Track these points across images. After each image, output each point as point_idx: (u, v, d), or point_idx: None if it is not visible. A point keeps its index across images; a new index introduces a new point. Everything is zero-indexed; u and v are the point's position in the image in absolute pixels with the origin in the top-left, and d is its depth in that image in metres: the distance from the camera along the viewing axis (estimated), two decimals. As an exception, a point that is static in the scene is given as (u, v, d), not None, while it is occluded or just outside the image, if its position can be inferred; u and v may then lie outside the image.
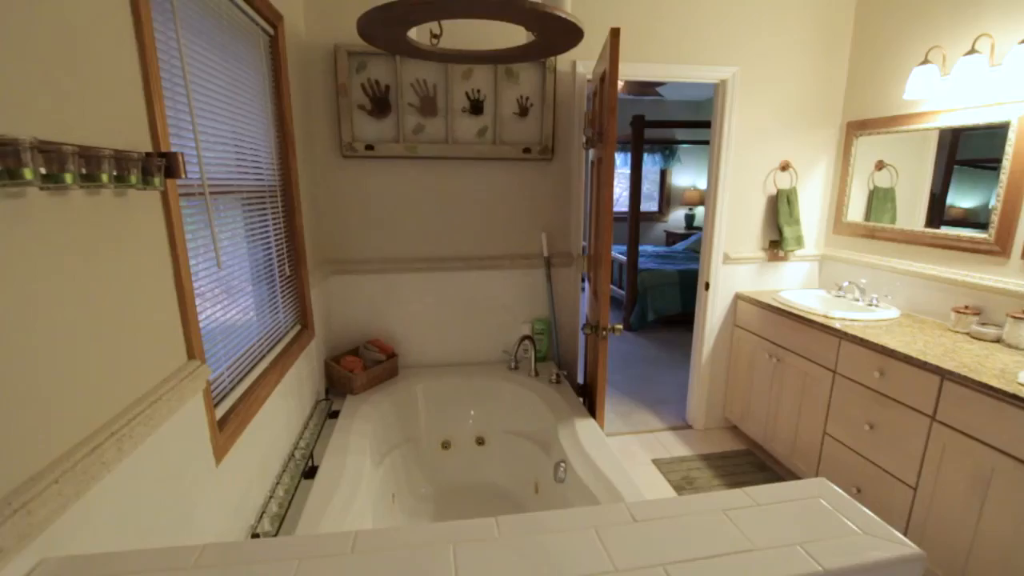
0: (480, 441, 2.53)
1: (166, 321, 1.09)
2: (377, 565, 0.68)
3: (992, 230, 2.08)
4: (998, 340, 2.00)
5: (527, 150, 2.44)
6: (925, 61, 2.18)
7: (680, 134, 6.88)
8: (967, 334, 2.09)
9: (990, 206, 2.10)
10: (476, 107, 2.36)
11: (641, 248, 6.40)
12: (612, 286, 5.62)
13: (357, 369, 2.37)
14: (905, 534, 1.94)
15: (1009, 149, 2.01)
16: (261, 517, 1.53)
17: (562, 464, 1.90)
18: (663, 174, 7.49)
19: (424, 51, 1.39)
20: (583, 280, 2.74)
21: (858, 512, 0.74)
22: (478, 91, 2.36)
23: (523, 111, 2.41)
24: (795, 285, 2.95)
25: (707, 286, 2.87)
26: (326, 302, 2.48)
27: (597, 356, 2.19)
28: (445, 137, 2.39)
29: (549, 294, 2.64)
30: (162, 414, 1.01)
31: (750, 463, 2.76)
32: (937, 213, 2.34)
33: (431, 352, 2.68)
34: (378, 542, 0.72)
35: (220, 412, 1.37)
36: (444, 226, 2.55)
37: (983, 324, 2.07)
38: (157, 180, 0.97)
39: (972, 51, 2.00)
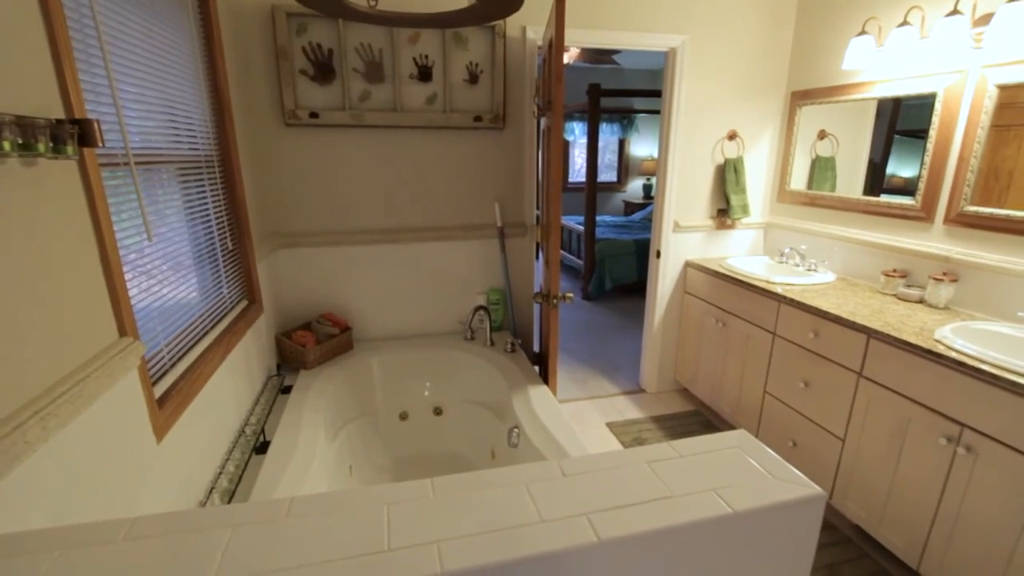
0: (438, 411, 2.56)
1: (92, 297, 1.05)
2: (312, 528, 0.69)
3: (919, 197, 2.20)
4: (921, 301, 2.14)
5: (478, 118, 2.41)
6: (862, 32, 2.25)
7: (638, 103, 6.90)
8: (895, 296, 2.23)
9: (920, 175, 2.21)
10: (424, 74, 2.31)
11: (599, 218, 6.47)
12: (571, 256, 5.68)
13: (309, 343, 2.34)
14: (834, 482, 2.09)
15: (935, 119, 2.11)
16: (211, 493, 1.51)
17: (515, 430, 1.94)
18: (621, 144, 7.53)
19: (361, 13, 1.35)
20: (537, 249, 2.76)
21: (771, 459, 0.80)
22: (426, 57, 2.30)
23: (473, 78, 2.37)
24: (742, 252, 3.05)
25: (658, 254, 2.94)
26: (275, 276, 2.42)
27: (549, 324, 2.22)
28: (393, 105, 2.33)
29: (503, 264, 2.65)
30: (92, 392, 0.98)
31: (698, 422, 2.90)
32: (878, 182, 2.43)
33: (386, 325, 2.67)
34: (314, 506, 0.73)
35: (160, 390, 1.34)
36: (396, 197, 2.51)
37: (909, 286, 2.21)
38: (70, 148, 0.92)
39: (904, 23, 2.07)
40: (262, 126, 2.26)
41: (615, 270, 5.03)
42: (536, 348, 2.83)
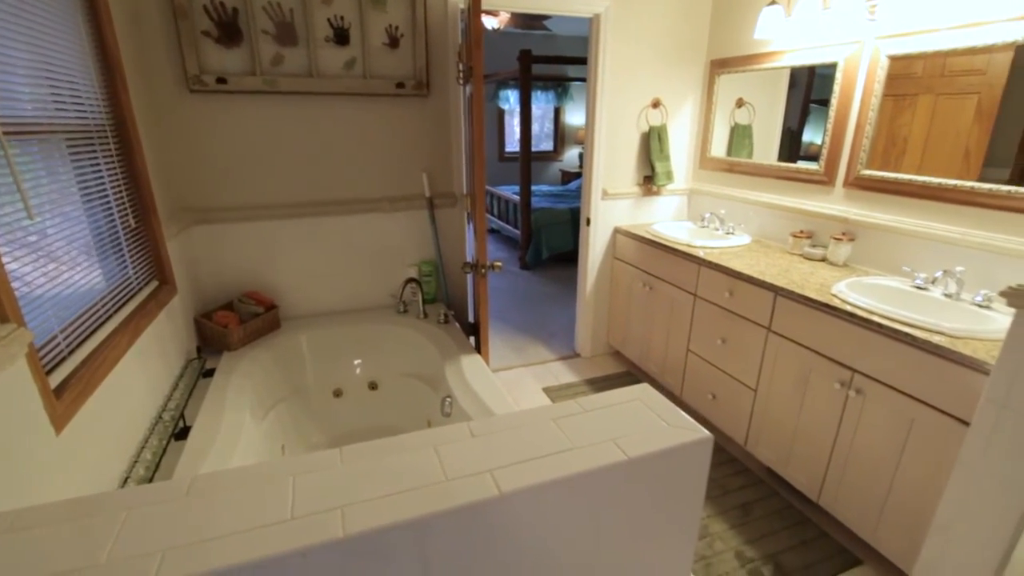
0: (373, 386, 2.54)
1: (-41, 280, 0.96)
2: (214, 504, 0.68)
3: (822, 162, 2.35)
4: (823, 259, 2.31)
5: (400, 85, 2.33)
6: (772, 2, 2.33)
7: (571, 71, 6.89)
8: (801, 255, 2.39)
9: (822, 141, 2.36)
10: (341, 36, 2.20)
11: (536, 188, 6.50)
12: (508, 226, 5.69)
13: (232, 324, 2.25)
14: (748, 429, 2.26)
15: (836, 88, 2.24)
16: (126, 482, 1.45)
17: (448, 399, 1.97)
18: (557, 112, 7.53)
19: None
20: (468, 220, 2.74)
21: (667, 409, 0.85)
22: (341, 18, 2.19)
23: (394, 42, 2.29)
24: (667, 218, 3.17)
25: (588, 222, 3.00)
26: (190, 255, 2.29)
27: (480, 294, 2.24)
28: (309, 70, 2.22)
29: (434, 235, 2.63)
30: (-33, 383, 0.90)
31: (629, 383, 3.03)
32: (796, 149, 2.55)
33: (315, 301, 2.59)
34: (217, 483, 0.72)
35: (57, 378, 1.25)
36: (319, 168, 2.41)
37: (814, 246, 2.37)
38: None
39: (808, -7, 2.17)
40: (163, 93, 2.09)
41: (551, 239, 5.09)
42: (471, 318, 2.84)
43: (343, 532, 0.62)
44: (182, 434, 1.69)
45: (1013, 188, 1.74)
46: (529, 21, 5.25)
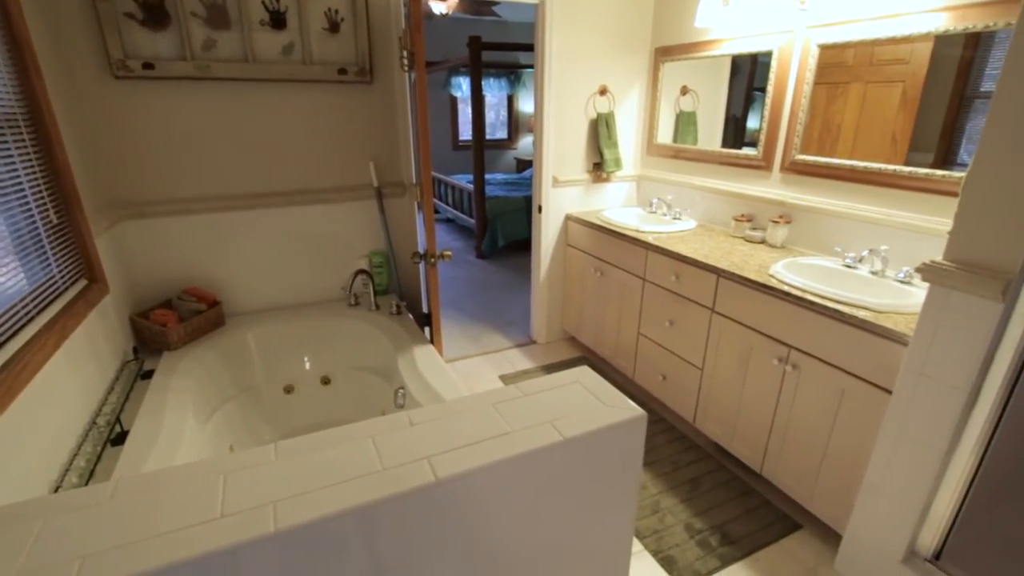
0: (325, 381, 2.49)
1: None
2: (140, 507, 0.65)
3: (760, 148, 2.44)
4: (763, 241, 2.40)
5: (343, 71, 2.27)
6: (711, -9, 2.39)
7: (523, 58, 6.87)
8: (743, 238, 2.48)
9: (760, 128, 2.44)
10: (277, 20, 2.12)
11: (491, 176, 6.48)
12: (463, 215, 5.66)
13: (171, 322, 2.15)
14: (696, 407, 2.34)
15: (772, 76, 2.32)
16: (56, 492, 1.38)
17: (401, 390, 1.95)
18: (510, 100, 7.51)
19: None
20: (419, 209, 2.71)
21: (605, 389, 0.88)
22: (277, 1, 2.10)
23: (334, 27, 2.22)
24: (617, 204, 3.22)
25: (540, 209, 3.02)
26: (123, 251, 2.17)
27: (431, 284, 2.22)
28: (245, 55, 2.13)
29: (383, 226, 2.58)
30: None
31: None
32: (740, 135, 2.62)
33: (262, 296, 2.51)
34: (143, 485, 0.69)
35: (-29, 385, 1.17)
36: (261, 158, 2.32)
37: (754, 229, 2.46)
38: None
39: (744, -17, 2.23)
40: (85, 79, 1.96)
41: (507, 227, 5.10)
42: (425, 309, 2.82)
43: (274, 527, 0.61)
44: (119, 439, 1.62)
45: (932, 171, 1.86)
46: (478, 7, 5.19)
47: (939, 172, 1.84)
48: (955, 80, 1.80)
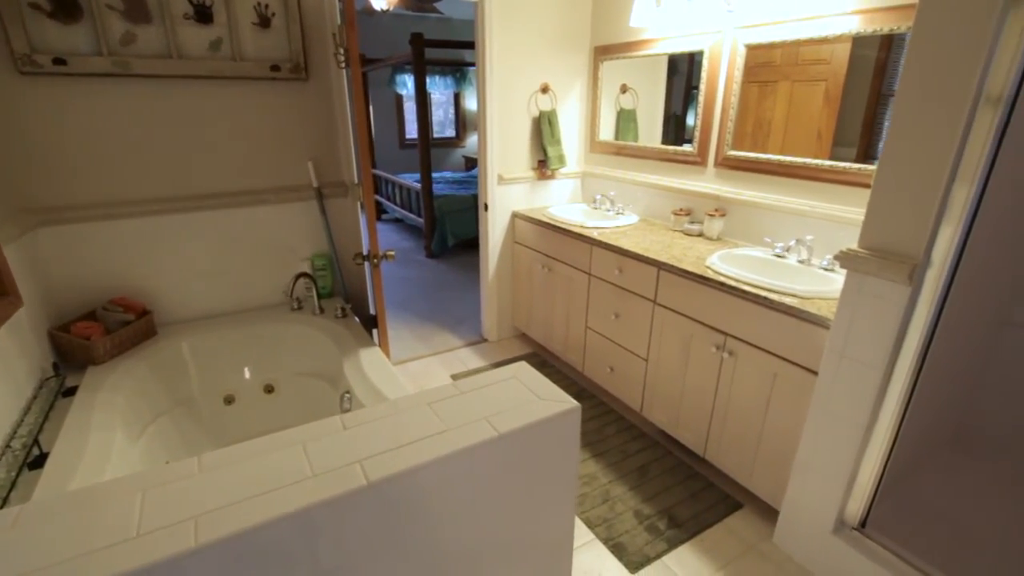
0: (269, 389, 2.41)
1: None
2: (46, 533, 0.61)
3: (695, 144, 2.53)
4: (701, 234, 2.49)
5: (276, 68, 2.19)
6: (645, -9, 2.46)
7: (469, 56, 6.84)
8: (682, 232, 2.57)
9: (694, 125, 2.53)
10: (202, 14, 2.02)
11: (439, 175, 6.43)
12: (411, 214, 5.59)
13: (96, 335, 2.02)
14: (643, 396, 2.41)
15: (704, 75, 2.41)
16: (-36, 523, 1.27)
17: (347, 394, 1.91)
18: (457, 98, 7.46)
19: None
20: (362, 209, 2.66)
21: (541, 383, 0.89)
22: (201, -5, 2.01)
23: (264, 22, 2.14)
24: (562, 200, 3.26)
25: (486, 207, 3.02)
26: (37, 261, 2.02)
27: (376, 285, 2.19)
28: (168, 50, 2.02)
29: (325, 227, 2.52)
30: None
31: (535, 363, 3.12)
32: (681, 132, 2.68)
33: (197, 304, 2.40)
34: (50, 509, 0.65)
35: None
36: (192, 159, 2.21)
37: (692, 222, 2.55)
38: None
39: (675, -16, 2.31)
40: (-15, 75, 1.81)
41: (456, 226, 5.07)
42: (372, 311, 2.77)
43: (196, 542, 0.58)
44: (38, 462, 1.51)
45: (850, 165, 1.98)
46: (420, 4, 5.13)
47: (856, 166, 1.96)
48: (872, 79, 1.93)
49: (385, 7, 4.34)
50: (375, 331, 2.45)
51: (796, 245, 2.07)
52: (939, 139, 1.24)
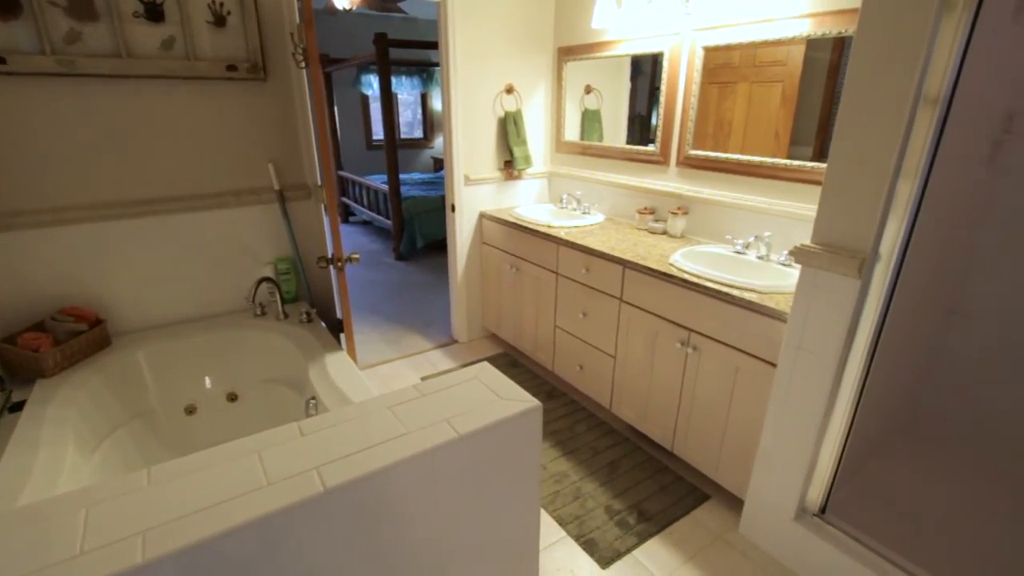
0: (232, 397, 2.35)
1: None
2: (-19, 557, 0.58)
3: (658, 144, 2.57)
4: (665, 232, 2.54)
5: (232, 68, 2.14)
6: (605, -7, 2.49)
7: (435, 56, 6.79)
8: (647, 230, 2.61)
9: (656, 125, 2.57)
10: (153, 11, 1.96)
11: (407, 176, 6.38)
12: (379, 216, 5.53)
13: (45, 346, 1.93)
14: (612, 393, 2.44)
15: (664, 76, 2.46)
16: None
17: (312, 400, 1.88)
18: (424, 98, 7.41)
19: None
20: (327, 211, 2.61)
21: (502, 383, 0.89)
22: (152, -8, 1.94)
23: (219, 20, 2.08)
24: (530, 201, 3.28)
25: (453, 208, 3.01)
26: (-22, 269, 1.93)
27: (341, 288, 2.15)
28: (117, 49, 1.95)
29: (288, 230, 2.47)
30: None
31: (505, 363, 3.12)
32: (646, 132, 2.70)
33: (155, 311, 2.32)
34: (-14, 532, 0.62)
35: None
36: (147, 162, 2.14)
37: (656, 220, 2.60)
38: None
39: (635, -14, 2.34)
40: (-84, 74, 1.71)
41: (425, 227, 5.04)
42: (339, 314, 2.73)
43: (142, 558, 0.56)
44: (-19, 481, 1.43)
45: (804, 163, 2.04)
46: (384, 3, 5.08)
47: (811, 164, 2.02)
48: (826, 80, 1.99)
49: (348, 6, 4.28)
50: (342, 335, 2.41)
51: (755, 242, 2.13)
52: (883, 138, 1.30)
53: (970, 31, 1.18)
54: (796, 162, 2.06)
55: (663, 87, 2.47)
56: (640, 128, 2.74)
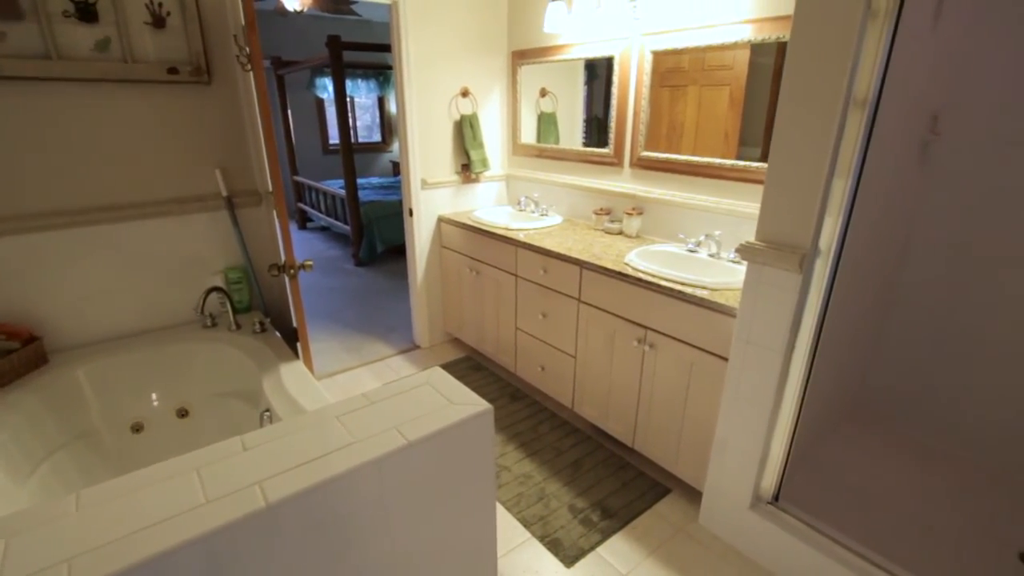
0: (182, 413, 2.25)
1: None
2: None
3: (611, 146, 2.62)
4: (620, 232, 2.58)
5: (174, 71, 2.06)
6: (556, -2, 2.52)
7: (391, 59, 6.72)
8: (603, 230, 2.65)
9: (609, 127, 2.62)
10: (85, 11, 1.86)
11: (366, 180, 6.29)
12: (337, 222, 5.42)
13: (-29, 366, 1.81)
14: (573, 393, 2.46)
15: (615, 79, 2.50)
16: None
17: (267, 412, 1.83)
18: (381, 102, 7.33)
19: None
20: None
21: (454, 388, 0.89)
22: (83, -9, 1.85)
23: (159, 21, 2.00)
24: (488, 203, 3.28)
25: (411, 212, 2.98)
26: None
27: (294, 296, 2.10)
28: (46, 51, 1.85)
29: (238, 238, 2.39)
30: None
31: (468, 367, 3.11)
32: (603, 135, 2.71)
33: (96, 325, 2.21)
34: None
35: None
36: (81, 169, 2.03)
37: (612, 221, 2.64)
38: None
39: (584, -9, 2.38)
40: None
41: (385, 232, 4.97)
42: (296, 323, 2.66)
43: (67, 588, 0.53)
44: (-102, 515, 1.33)
45: (750, 163, 2.12)
46: (336, 5, 4.99)
47: (757, 164, 2.10)
48: (771, 83, 2.06)
49: (299, 8, 4.19)
50: (298, 344, 2.35)
51: (706, 240, 2.19)
52: (817, 138, 1.36)
53: (892, 37, 1.25)
54: (743, 162, 2.14)
55: (615, 90, 2.51)
56: (597, 130, 2.77)
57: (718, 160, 2.21)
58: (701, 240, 2.21)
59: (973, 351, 2.15)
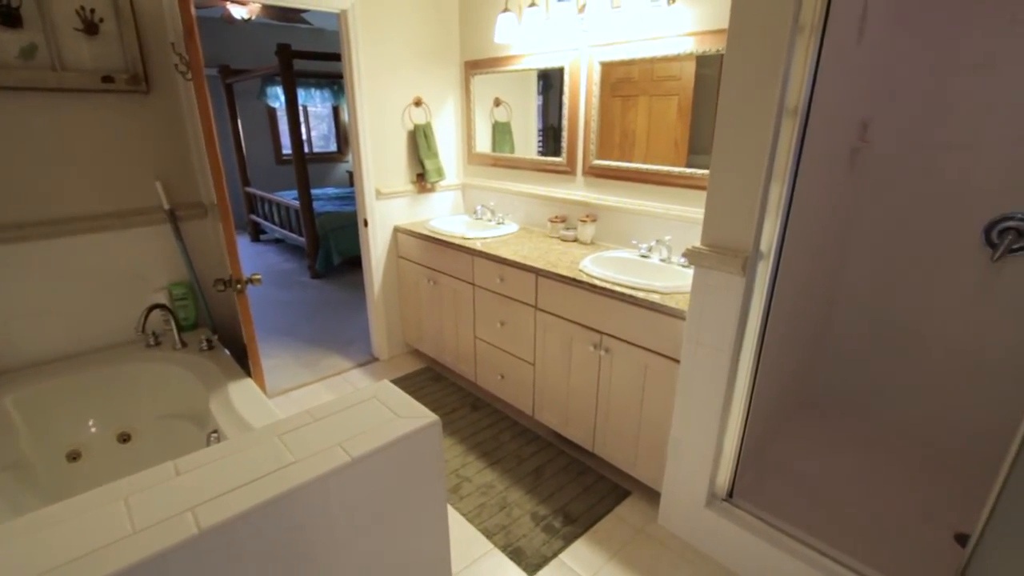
0: (124, 438, 2.14)
1: None
2: None
3: (564, 154, 2.66)
4: (575, 239, 2.62)
5: (109, 79, 1.97)
6: (506, 9, 2.54)
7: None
8: (558, 238, 2.68)
9: (562, 136, 2.66)
10: (7, 16, 1.77)
11: (321, 191, 6.18)
12: (292, 234, 5.29)
13: None
14: (533, 400, 2.47)
15: (566, 89, 2.55)
16: None
17: (214, 434, 1.75)
18: (336, 111, 7.22)
19: None
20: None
21: (401, 401, 0.88)
22: (4, -4, 1.76)
23: (91, 27, 1.92)
24: (445, 213, 3.27)
25: (365, 223, 2.94)
26: None
27: (242, 312, 2.04)
28: (-36, 59, 1.74)
29: (183, 252, 2.30)
30: None
31: (428, 378, 3.08)
32: (558, 143, 2.73)
33: (26, 349, 2.08)
34: None
35: None
36: (9, 182, 1.92)
37: (567, 228, 2.67)
38: None
39: (533, 3, 2.41)
40: None
41: (341, 243, 4.88)
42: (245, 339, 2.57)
43: (-28, 635, 0.50)
44: None
45: (698, 171, 2.18)
46: (285, 13, 4.90)
47: (701, 171, 2.17)
48: (716, 93, 2.11)
49: (246, 16, 4.09)
50: (249, 362, 2.27)
51: (657, 245, 2.24)
52: (754, 145, 1.42)
53: (819, 50, 1.32)
54: (690, 170, 2.20)
55: (566, 100, 2.56)
56: (552, 139, 2.81)
57: (668, 168, 2.28)
58: (652, 245, 2.26)
59: (909, 346, 2.27)
